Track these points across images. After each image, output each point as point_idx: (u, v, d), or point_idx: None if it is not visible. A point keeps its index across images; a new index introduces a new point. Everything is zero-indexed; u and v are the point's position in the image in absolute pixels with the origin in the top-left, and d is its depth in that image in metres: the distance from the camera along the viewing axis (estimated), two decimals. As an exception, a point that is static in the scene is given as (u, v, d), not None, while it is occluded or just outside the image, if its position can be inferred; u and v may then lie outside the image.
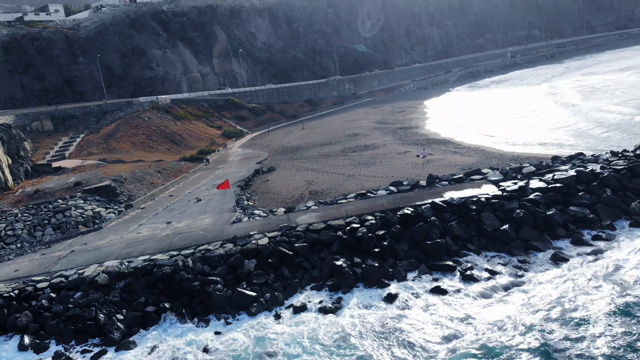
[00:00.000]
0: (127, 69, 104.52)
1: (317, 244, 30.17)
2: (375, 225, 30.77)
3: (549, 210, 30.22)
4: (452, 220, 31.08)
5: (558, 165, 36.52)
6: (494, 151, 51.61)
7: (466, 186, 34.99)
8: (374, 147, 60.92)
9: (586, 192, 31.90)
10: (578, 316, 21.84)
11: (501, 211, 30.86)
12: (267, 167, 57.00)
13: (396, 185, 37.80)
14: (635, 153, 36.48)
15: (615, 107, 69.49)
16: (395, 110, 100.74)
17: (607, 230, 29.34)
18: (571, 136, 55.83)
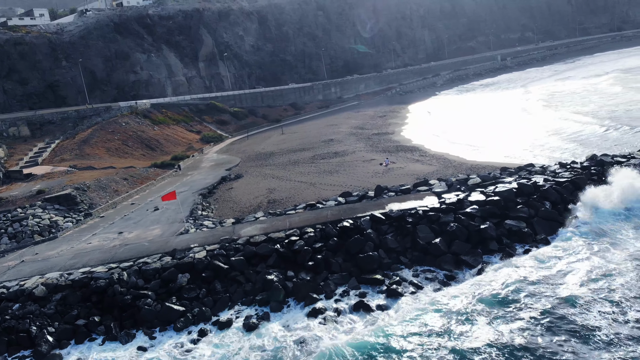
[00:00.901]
0: (110, 73, 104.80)
1: (255, 257, 30.39)
2: (313, 238, 30.98)
3: (484, 224, 30.39)
4: (390, 232, 31.29)
5: (504, 177, 36.68)
6: (455, 160, 51.75)
7: (410, 197, 35.18)
8: (343, 154, 61.12)
9: (525, 205, 32.08)
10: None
11: (437, 224, 31.04)
12: (235, 174, 57.27)
13: (345, 196, 38.01)
14: (583, 165, 36.63)
15: (577, 115, 69.47)
16: (377, 115, 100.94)
17: (541, 245, 29.52)
18: (532, 145, 55.74)
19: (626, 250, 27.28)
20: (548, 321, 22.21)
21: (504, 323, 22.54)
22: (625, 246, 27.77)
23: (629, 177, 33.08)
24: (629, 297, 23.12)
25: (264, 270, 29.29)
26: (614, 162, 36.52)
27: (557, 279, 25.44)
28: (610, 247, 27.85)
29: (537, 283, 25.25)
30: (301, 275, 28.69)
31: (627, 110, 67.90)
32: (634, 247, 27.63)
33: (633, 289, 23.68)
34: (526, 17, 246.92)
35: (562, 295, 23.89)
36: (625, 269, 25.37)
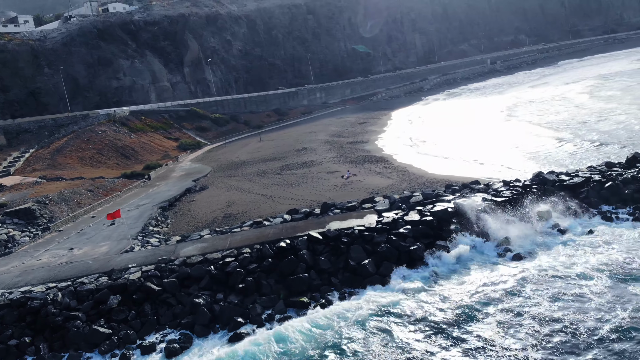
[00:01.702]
0: (93, 79, 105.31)
1: (188, 278, 30.72)
2: (249, 258, 31.32)
3: (414, 245, 30.73)
4: (325, 252, 31.62)
5: (446, 195, 36.97)
6: (415, 173, 51.98)
7: (352, 216, 35.51)
8: (311, 165, 61.43)
9: (459, 224, 32.40)
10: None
11: (370, 244, 31.37)
12: (201, 185, 57.63)
13: (291, 214, 38.34)
14: (524, 184, 36.91)
15: (537, 128, 69.15)
16: (357, 122, 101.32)
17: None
18: (492, 158, 55.38)
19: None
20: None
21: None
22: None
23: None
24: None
25: (194, 293, 29.64)
26: (557, 180, 36.82)
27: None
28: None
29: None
30: (230, 297, 29.03)
31: (583, 121, 68.02)
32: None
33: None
34: (519, 20, 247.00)
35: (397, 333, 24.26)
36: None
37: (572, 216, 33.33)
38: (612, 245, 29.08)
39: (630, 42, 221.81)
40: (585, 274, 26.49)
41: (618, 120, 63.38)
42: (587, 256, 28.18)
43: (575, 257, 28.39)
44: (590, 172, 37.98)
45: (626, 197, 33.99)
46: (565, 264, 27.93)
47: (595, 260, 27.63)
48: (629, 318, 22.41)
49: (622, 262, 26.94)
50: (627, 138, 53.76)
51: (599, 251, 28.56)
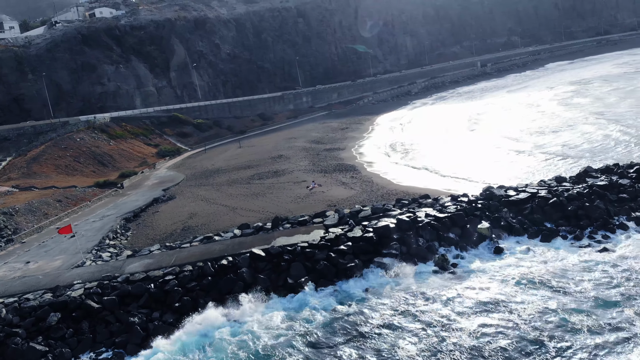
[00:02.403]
0: (77, 85, 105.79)
1: (128, 296, 31.12)
2: (189, 276, 31.71)
3: (352, 262, 31.12)
4: (266, 270, 32.01)
5: (394, 210, 37.33)
6: (379, 183, 52.33)
7: (300, 231, 35.90)
8: (281, 174, 61.81)
9: (399, 241, 32.78)
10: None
11: (311, 261, 31.77)
12: (169, 195, 58.08)
13: (242, 228, 38.75)
14: (470, 199, 37.26)
15: (502, 140, 68.50)
16: (340, 127, 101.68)
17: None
18: (454, 170, 55.40)
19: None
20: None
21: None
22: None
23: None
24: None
25: (133, 311, 30.05)
26: (505, 195, 37.16)
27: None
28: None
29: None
30: (166, 316, 29.44)
31: (547, 132, 67.92)
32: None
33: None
34: (513, 21, 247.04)
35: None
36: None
37: (512, 234, 33.65)
38: (546, 267, 29.32)
39: (623, 43, 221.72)
40: (508, 300, 26.63)
41: (583, 131, 63.55)
42: (515, 280, 28.35)
43: (503, 280, 28.58)
44: (539, 187, 38.31)
45: (569, 214, 34.28)
46: (492, 287, 28.11)
47: (518, 285, 27.75)
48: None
49: (548, 291, 26.91)
50: (586, 150, 54.02)
51: (528, 274, 28.72)
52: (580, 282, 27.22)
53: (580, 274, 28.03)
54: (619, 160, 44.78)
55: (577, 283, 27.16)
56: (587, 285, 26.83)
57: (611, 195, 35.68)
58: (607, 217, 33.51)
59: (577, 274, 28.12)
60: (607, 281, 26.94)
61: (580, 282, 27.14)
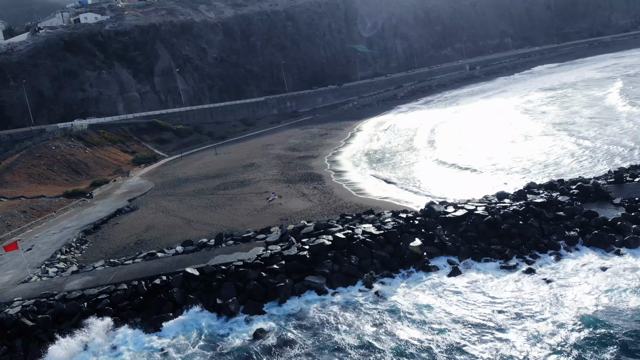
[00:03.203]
0: (58, 91, 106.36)
1: (62, 314, 31.63)
2: (122, 295, 32.20)
3: (282, 282, 31.55)
4: (198, 290, 32.46)
5: (337, 226, 37.73)
6: (340, 195, 52.77)
7: (240, 248, 36.35)
8: (247, 184, 62.27)
9: (333, 259, 33.20)
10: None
11: (243, 281, 32.22)
12: (133, 206, 58.58)
13: (185, 245, 39.21)
14: (408, 216, 37.63)
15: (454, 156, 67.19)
16: (319, 133, 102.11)
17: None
18: (407, 183, 55.76)
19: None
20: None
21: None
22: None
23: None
24: None
25: (64, 330, 30.55)
26: (442, 212, 37.55)
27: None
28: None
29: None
30: (96, 335, 29.91)
31: (504, 144, 68.02)
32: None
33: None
34: (505, 23, 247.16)
35: None
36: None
37: (444, 253, 34.04)
38: (466, 290, 29.62)
39: (615, 45, 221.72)
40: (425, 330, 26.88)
41: (539, 143, 63.60)
42: (433, 306, 28.59)
43: (422, 305, 28.86)
44: (479, 203, 38.66)
45: (503, 232, 34.65)
46: (414, 310, 28.47)
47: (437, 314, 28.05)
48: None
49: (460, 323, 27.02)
50: (538, 164, 54.18)
51: (448, 300, 28.97)
52: (493, 313, 27.31)
53: (498, 301, 28.17)
54: (566, 175, 45.15)
55: (486, 313, 27.28)
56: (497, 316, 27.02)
57: (548, 213, 36.01)
58: (539, 237, 33.86)
59: (491, 300, 28.28)
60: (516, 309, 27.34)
61: (493, 314, 27.18)
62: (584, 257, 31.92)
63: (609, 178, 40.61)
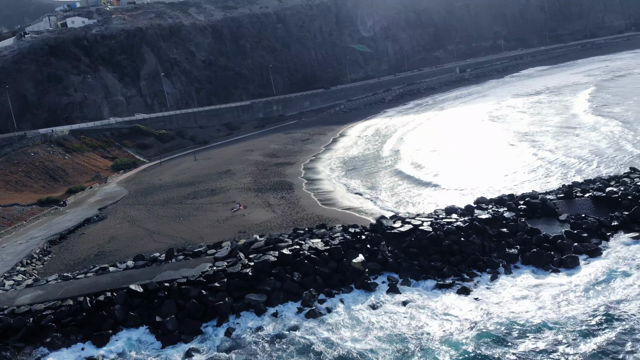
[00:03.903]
0: (42, 96, 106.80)
1: (10, 329, 32.15)
2: (67, 311, 32.70)
3: (222, 300, 32.01)
4: (141, 307, 32.95)
5: (287, 241, 38.17)
6: (305, 205, 53.29)
7: (189, 264, 36.79)
8: (217, 193, 62.75)
9: (276, 276, 33.66)
10: None
11: (184, 299, 32.68)
12: (102, 215, 59.08)
13: (136, 260, 39.69)
14: (356, 232, 38.03)
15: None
16: (301, 138, 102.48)
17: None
18: (374, 195, 55.88)
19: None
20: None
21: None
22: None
23: None
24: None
25: (9, 345, 31.09)
26: (389, 227, 37.96)
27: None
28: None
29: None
30: (36, 352, 30.43)
31: (468, 155, 67.83)
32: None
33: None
34: (499, 25, 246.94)
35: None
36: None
37: (386, 269, 34.48)
38: (398, 311, 29.94)
39: (608, 47, 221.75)
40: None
41: (501, 155, 63.88)
42: (363, 327, 29.04)
43: (356, 324, 29.36)
44: (428, 218, 39.02)
45: (444, 249, 35.08)
46: (345, 335, 28.74)
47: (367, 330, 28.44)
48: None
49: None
50: (495, 176, 54.28)
51: (379, 324, 29.22)
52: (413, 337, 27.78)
53: (425, 329, 28.41)
54: (522, 188, 45.53)
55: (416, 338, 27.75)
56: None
57: (491, 230, 36.45)
58: (478, 254, 34.30)
59: (417, 325, 28.69)
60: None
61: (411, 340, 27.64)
62: (520, 276, 32.38)
63: (559, 193, 40.98)
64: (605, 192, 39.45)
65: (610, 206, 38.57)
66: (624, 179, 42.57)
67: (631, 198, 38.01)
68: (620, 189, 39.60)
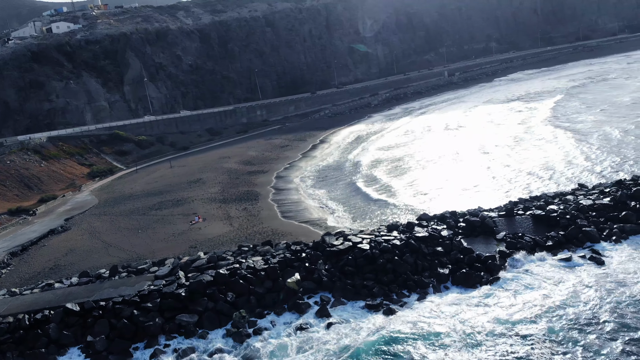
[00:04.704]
0: (24, 103, 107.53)
1: (-54, 347, 32.69)
2: (4, 329, 33.14)
3: (152, 321, 32.50)
4: (76, 325, 33.46)
5: (228, 259, 38.64)
6: (265, 217, 53.88)
7: (129, 282, 37.26)
8: (181, 204, 63.13)
9: (209, 297, 34.12)
10: None
11: (117, 318, 33.18)
12: (67, 226, 59.63)
13: (81, 276, 40.17)
14: (296, 249, 38.50)
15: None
16: (280, 145, 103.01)
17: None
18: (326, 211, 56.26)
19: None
20: None
21: None
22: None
23: None
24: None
25: (-60, 364, 31.65)
26: (331, 244, 38.39)
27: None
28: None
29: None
30: (-34, 371, 31.02)
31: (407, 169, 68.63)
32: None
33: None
34: (491, 27, 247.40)
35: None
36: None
37: (321, 289, 34.89)
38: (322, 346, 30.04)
39: (599, 50, 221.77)
40: None
41: (458, 168, 64.21)
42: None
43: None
44: (369, 235, 39.36)
45: (378, 268, 35.45)
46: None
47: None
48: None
49: None
50: (444, 191, 54.55)
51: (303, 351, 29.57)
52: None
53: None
54: (465, 205, 45.82)
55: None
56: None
57: (427, 249, 36.88)
58: (410, 274, 34.74)
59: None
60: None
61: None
62: (447, 296, 32.83)
63: (501, 211, 41.41)
64: (545, 211, 39.86)
65: (549, 225, 38.98)
66: (568, 196, 42.95)
67: (569, 217, 38.43)
68: (560, 207, 40.01)
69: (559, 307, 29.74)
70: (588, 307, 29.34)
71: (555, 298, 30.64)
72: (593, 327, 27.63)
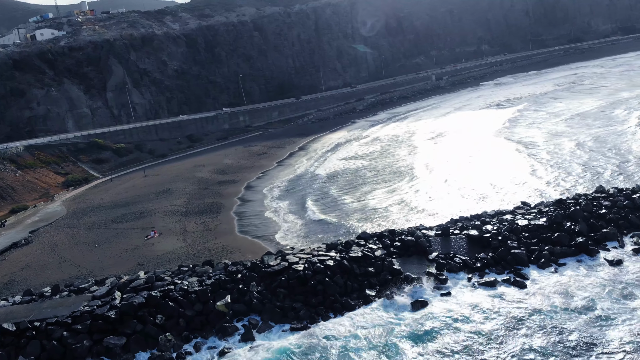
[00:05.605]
0: (4, 111, 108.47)
1: None
2: None
3: (79, 343, 33.15)
4: (12, 345, 34.14)
5: (166, 280, 39.17)
6: (223, 231, 54.70)
7: (68, 302, 37.90)
8: (143, 217, 63.63)
9: (139, 319, 34.74)
10: None
11: (48, 340, 33.82)
12: (30, 238, 60.38)
13: (25, 295, 40.77)
14: (231, 270, 39.07)
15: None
16: (258, 152, 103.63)
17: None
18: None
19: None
20: None
21: None
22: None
23: None
24: None
25: None
26: (267, 265, 38.98)
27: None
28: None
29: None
30: None
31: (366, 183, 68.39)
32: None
33: None
34: (483, 30, 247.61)
35: None
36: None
37: (251, 312, 35.39)
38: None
39: (591, 52, 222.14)
40: None
41: (408, 184, 64.33)
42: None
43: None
44: (308, 254, 39.87)
45: (309, 289, 36.00)
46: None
47: None
48: None
49: None
50: (388, 209, 54.51)
51: None
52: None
53: None
54: (406, 223, 46.32)
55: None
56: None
57: (359, 269, 37.43)
58: (337, 295, 35.31)
59: None
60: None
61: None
62: (372, 315, 33.44)
63: (438, 230, 41.93)
64: (479, 231, 40.41)
65: (482, 246, 39.50)
66: (506, 215, 43.44)
67: (500, 238, 38.97)
68: (494, 228, 40.56)
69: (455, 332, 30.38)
70: (482, 335, 29.79)
71: (462, 325, 31.03)
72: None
